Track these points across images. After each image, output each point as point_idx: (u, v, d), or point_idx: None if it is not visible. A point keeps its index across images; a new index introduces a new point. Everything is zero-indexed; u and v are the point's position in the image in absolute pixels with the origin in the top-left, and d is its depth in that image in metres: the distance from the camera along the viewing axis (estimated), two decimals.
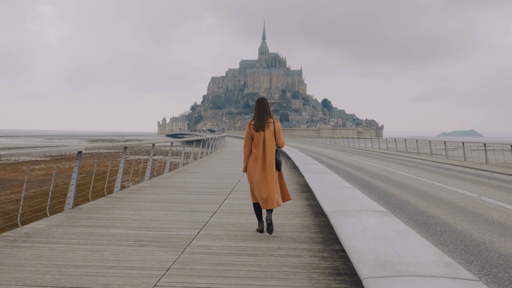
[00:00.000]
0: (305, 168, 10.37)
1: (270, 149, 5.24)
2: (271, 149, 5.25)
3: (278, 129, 5.31)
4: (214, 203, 7.60)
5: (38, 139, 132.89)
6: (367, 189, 11.02)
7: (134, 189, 9.27)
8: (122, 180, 9.44)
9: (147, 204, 7.33)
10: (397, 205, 8.58)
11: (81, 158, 7.11)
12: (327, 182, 7.52)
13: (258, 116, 5.30)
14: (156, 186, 9.74)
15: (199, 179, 11.28)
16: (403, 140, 33.01)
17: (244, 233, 5.35)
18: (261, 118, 5.29)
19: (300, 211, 6.96)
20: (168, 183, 10.32)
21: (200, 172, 13.37)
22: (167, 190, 9.10)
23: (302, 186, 9.94)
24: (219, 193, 8.83)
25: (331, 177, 8.19)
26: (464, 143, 22.37)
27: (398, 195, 9.87)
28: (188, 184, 10.15)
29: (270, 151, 5.24)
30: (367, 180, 13.17)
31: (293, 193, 8.97)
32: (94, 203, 7.40)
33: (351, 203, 5.16)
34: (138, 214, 6.50)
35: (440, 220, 7.03)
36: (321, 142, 76.89)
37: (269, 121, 5.30)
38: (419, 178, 13.87)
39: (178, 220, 6.08)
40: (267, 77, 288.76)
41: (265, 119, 5.29)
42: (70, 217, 6.22)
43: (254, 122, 5.33)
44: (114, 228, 5.56)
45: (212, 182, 10.62)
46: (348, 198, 5.58)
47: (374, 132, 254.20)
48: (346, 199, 5.54)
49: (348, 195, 5.93)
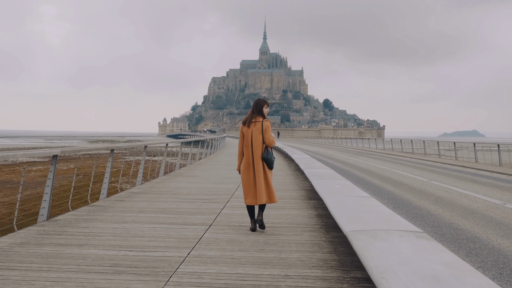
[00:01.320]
0: (311, 173, 9.45)
1: (256, 147, 5.38)
2: (258, 146, 5.38)
3: (266, 128, 5.41)
4: (210, 213, 6.69)
5: (38, 139, 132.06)
6: (380, 195, 10.10)
7: (123, 196, 8.36)
8: (111, 184, 8.54)
9: (134, 215, 6.42)
10: (417, 215, 7.66)
11: (56, 162, 6.19)
12: (339, 189, 6.60)
13: (250, 111, 5.55)
14: (147, 192, 8.83)
15: (196, 184, 10.37)
16: (409, 140, 32.04)
17: (244, 254, 4.44)
18: (250, 113, 5.52)
19: (309, 223, 6.05)
20: (161, 189, 9.41)
21: (197, 175, 12.46)
22: (159, 197, 8.19)
23: (308, 193, 9.03)
24: (216, 200, 7.92)
25: (342, 184, 7.27)
26: (475, 144, 21.42)
27: (415, 203, 8.94)
28: (183, 190, 9.24)
29: (256, 149, 5.38)
30: (377, 184, 12.25)
31: (298, 200, 8.07)
32: (74, 214, 6.49)
33: (373, 219, 4.24)
34: (121, 228, 5.58)
35: (470, 234, 6.11)
36: (323, 142, 75.91)
37: (257, 119, 5.45)
38: (432, 181, 12.95)
39: (166, 236, 5.17)
40: (268, 78, 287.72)
41: (253, 115, 5.48)
42: (40, 232, 5.31)
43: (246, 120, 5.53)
44: (89, 247, 4.65)
45: (210, 188, 9.70)
46: (368, 212, 4.67)
47: (376, 133, 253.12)
48: (366, 212, 4.62)
49: (366, 207, 5.02)
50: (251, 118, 5.48)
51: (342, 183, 7.40)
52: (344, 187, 6.86)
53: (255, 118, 5.46)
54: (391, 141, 35.89)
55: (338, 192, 6.33)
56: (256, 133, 5.39)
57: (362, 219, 4.26)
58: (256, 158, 5.37)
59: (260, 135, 5.39)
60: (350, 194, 6.02)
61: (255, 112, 5.49)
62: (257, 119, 5.45)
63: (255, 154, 5.37)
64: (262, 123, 5.41)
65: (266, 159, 5.37)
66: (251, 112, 5.52)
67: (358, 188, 6.85)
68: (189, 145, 30.19)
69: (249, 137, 5.42)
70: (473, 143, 21.73)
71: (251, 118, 5.48)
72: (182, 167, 15.80)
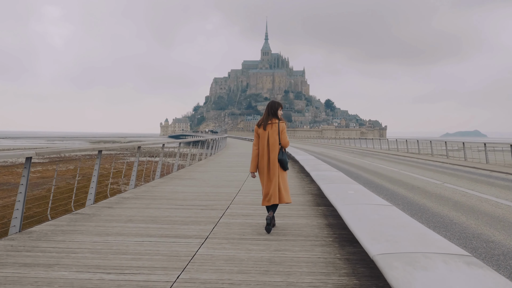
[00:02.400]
0: (318, 176, 8.67)
1: (273, 148, 5.44)
2: (275, 147, 5.44)
3: (282, 129, 5.49)
4: (207, 222, 5.92)
5: (40, 140, 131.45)
6: (393, 200, 9.31)
7: (112, 201, 7.59)
8: (104, 188, 7.78)
9: (120, 226, 5.65)
10: (439, 223, 6.87)
11: (30, 166, 5.43)
12: (353, 196, 5.82)
13: (265, 114, 5.60)
14: (139, 197, 8.06)
15: (193, 188, 9.59)
16: (414, 141, 31.21)
17: (245, 278, 3.67)
18: (265, 118, 5.56)
19: (319, 235, 5.28)
20: (155, 193, 8.64)
21: (195, 178, 11.68)
22: (151, 204, 7.42)
23: (315, 197, 8.25)
24: (215, 207, 7.15)
25: (355, 189, 6.49)
26: (486, 144, 20.60)
27: (434, 209, 8.15)
28: (179, 195, 8.47)
29: (273, 150, 5.44)
30: (388, 187, 11.45)
31: (305, 206, 7.30)
32: (52, 224, 5.72)
33: (404, 236, 3.46)
34: (103, 242, 4.82)
35: (506, 249, 5.31)
36: (326, 143, 75.08)
37: (273, 121, 5.52)
38: (446, 184, 12.15)
39: (153, 253, 4.40)
40: (269, 78, 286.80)
41: (269, 117, 5.54)
42: (7, 248, 4.55)
43: (261, 122, 5.59)
44: (59, 268, 3.88)
45: (208, 192, 8.93)
46: (394, 226, 3.88)
47: (378, 133, 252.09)
48: (393, 227, 3.84)
49: (390, 218, 4.23)
50: (267, 120, 5.55)
51: (355, 188, 6.62)
52: (358, 193, 6.08)
53: (271, 120, 5.54)
54: (396, 141, 35.03)
55: (352, 199, 5.55)
56: (273, 134, 5.47)
57: (390, 236, 3.47)
58: (273, 159, 5.44)
59: (277, 137, 5.47)
60: (367, 202, 5.24)
61: (270, 114, 5.56)
62: (273, 121, 5.53)
63: (272, 156, 5.45)
64: (279, 125, 5.50)
65: (281, 160, 5.44)
66: (266, 114, 5.58)
67: (374, 194, 6.06)
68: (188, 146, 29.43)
69: (265, 138, 5.49)
70: (483, 143, 20.90)
71: (267, 120, 5.55)
72: (181, 168, 15.03)
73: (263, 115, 5.66)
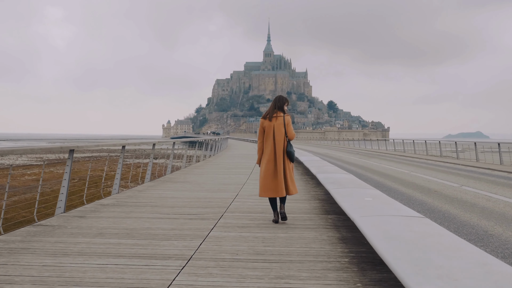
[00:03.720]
0: (326, 178, 7.60)
1: (279, 140, 5.47)
2: (280, 140, 5.47)
3: (288, 122, 5.54)
4: (194, 237, 4.86)
5: (41, 142, 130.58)
6: (411, 205, 8.23)
7: (87, 209, 6.54)
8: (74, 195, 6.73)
9: (85, 242, 4.59)
10: (472, 235, 5.79)
11: None
12: (372, 204, 4.75)
13: (271, 106, 5.63)
14: (121, 204, 7.01)
15: (185, 193, 8.54)
16: (421, 142, 30.07)
17: None
18: (272, 108, 5.60)
19: (332, 253, 4.21)
20: (140, 199, 7.58)
21: (190, 181, 10.62)
22: (132, 212, 6.36)
23: (323, 204, 7.18)
24: (206, 216, 6.09)
25: (373, 195, 5.41)
26: (500, 144, 19.48)
27: (460, 217, 7.07)
28: (167, 201, 7.41)
29: (279, 142, 5.46)
30: (402, 191, 10.37)
31: (312, 215, 6.24)
32: (2, 240, 4.66)
33: (459, 266, 2.40)
34: (55, 266, 3.76)
35: None
36: (329, 144, 73.94)
37: (279, 114, 5.56)
38: (464, 187, 11.06)
39: (115, 284, 3.34)
40: (272, 79, 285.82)
41: (274, 111, 5.57)
42: None
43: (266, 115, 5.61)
44: None
45: (201, 198, 7.87)
46: (440, 249, 2.81)
47: (380, 134, 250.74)
48: (438, 252, 2.76)
49: (430, 237, 3.17)
50: (273, 112, 5.57)
51: (371, 193, 5.54)
52: (377, 200, 5.01)
53: (276, 113, 5.56)
54: (402, 142, 33.87)
55: (372, 208, 4.48)
56: (279, 126, 5.50)
57: (441, 267, 2.41)
58: (279, 151, 5.45)
59: (283, 129, 5.50)
60: (392, 213, 4.16)
61: (276, 107, 5.59)
62: (278, 114, 5.56)
63: (278, 148, 5.46)
64: (284, 118, 5.54)
65: (289, 152, 5.49)
66: (273, 107, 5.61)
67: (397, 201, 4.98)
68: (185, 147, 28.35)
69: (271, 131, 5.50)
70: (497, 143, 19.78)
71: (272, 112, 5.57)
72: (175, 171, 13.98)
73: (269, 107, 5.67)
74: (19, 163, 35.20)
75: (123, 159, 8.58)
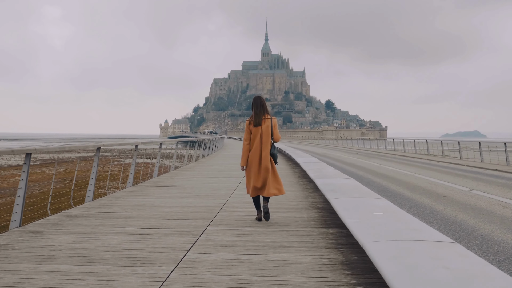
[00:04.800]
0: (326, 185, 6.70)
1: (266, 143, 5.60)
2: (267, 142, 5.61)
3: (274, 125, 5.68)
4: (164, 262, 3.96)
5: (37, 142, 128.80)
6: (420, 214, 7.35)
7: (50, 222, 5.62)
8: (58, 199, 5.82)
9: (28, 269, 3.67)
10: (501, 254, 4.91)
11: None
12: (383, 221, 3.86)
13: (256, 112, 5.68)
14: (90, 216, 6.09)
15: (168, 200, 7.63)
16: (423, 141, 29.19)
17: None
18: (258, 114, 5.66)
19: (332, 284, 3.32)
20: (115, 209, 6.67)
21: (176, 186, 9.71)
22: (99, 226, 5.45)
23: (322, 213, 6.28)
24: (185, 231, 5.18)
25: (383, 207, 4.51)
26: (506, 144, 18.63)
27: (481, 230, 6.18)
28: (145, 211, 6.50)
29: (266, 145, 5.59)
30: (408, 196, 9.49)
31: (310, 228, 5.36)
32: None
33: None
34: None
35: None
36: (327, 144, 73.05)
37: (265, 117, 5.67)
38: (474, 191, 10.20)
39: None
40: (270, 79, 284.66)
41: (261, 115, 5.66)
42: None
43: (253, 118, 5.69)
44: None
45: (185, 206, 6.97)
46: None
47: (378, 133, 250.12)
48: None
49: (469, 274, 2.27)
50: (260, 116, 5.64)
51: (381, 205, 4.64)
52: (390, 215, 4.11)
53: (264, 116, 5.65)
54: (402, 141, 33.00)
55: (384, 228, 3.58)
56: (267, 129, 5.60)
57: None
58: (265, 153, 5.57)
59: (270, 131, 5.61)
60: (413, 236, 3.26)
61: (262, 110, 5.66)
62: (266, 117, 5.65)
63: (264, 150, 5.57)
64: (271, 120, 5.66)
65: (274, 155, 5.63)
66: (257, 110, 5.66)
67: (414, 217, 4.08)
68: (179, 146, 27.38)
69: (258, 133, 5.60)
70: (503, 143, 18.93)
71: (260, 117, 5.63)
72: (165, 172, 13.07)
73: (252, 111, 5.71)
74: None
75: (98, 161, 7.65)
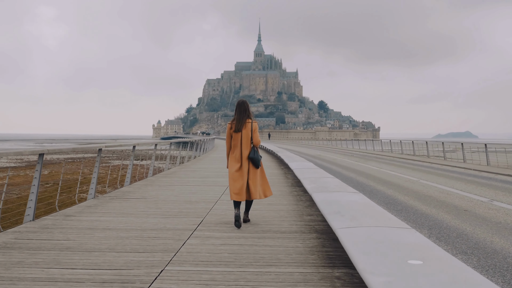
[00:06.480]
0: (327, 203, 5.18)
1: (245, 147, 5.61)
2: (246, 147, 5.62)
3: (254, 129, 5.67)
4: None
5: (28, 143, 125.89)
6: (446, 237, 5.88)
7: None
8: None
9: None
10: None
11: None
12: (429, 278, 2.36)
13: (238, 118, 5.69)
14: (13, 247, 4.54)
15: (129, 218, 6.07)
16: (423, 142, 27.82)
17: None
18: (240, 119, 5.68)
19: None
20: (53, 235, 5.11)
21: (147, 197, 8.16)
22: (15, 267, 3.91)
23: (322, 240, 4.79)
24: (131, 275, 3.65)
25: (419, 246, 3.01)
26: None
27: None
28: (91, 238, 4.94)
29: (245, 149, 5.61)
30: (423, 210, 8.03)
31: (308, 266, 3.86)
32: None
33: None
34: None
35: None
36: (320, 144, 71.59)
37: (247, 121, 5.68)
38: (495, 202, 8.79)
39: None
40: (263, 79, 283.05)
41: (243, 120, 5.67)
42: None
43: (234, 123, 5.70)
44: None
45: (147, 229, 5.42)
46: None
47: (371, 134, 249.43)
48: None
49: None
50: (243, 121, 5.66)
51: (414, 242, 3.13)
52: (436, 265, 2.62)
53: (246, 120, 5.67)
54: (400, 142, 31.61)
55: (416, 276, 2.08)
56: (245, 134, 5.64)
57: None
58: (245, 157, 5.60)
59: (250, 135, 5.65)
60: None
61: (245, 116, 5.69)
62: (247, 121, 5.68)
63: (244, 154, 5.60)
64: (252, 124, 5.70)
65: (253, 159, 5.60)
66: (240, 116, 5.68)
67: (471, 269, 2.60)
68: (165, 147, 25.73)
69: (239, 138, 5.64)
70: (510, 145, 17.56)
71: (241, 123, 5.65)
72: (140, 180, 11.51)
73: (235, 115, 5.73)
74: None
75: (40, 172, 6.09)
